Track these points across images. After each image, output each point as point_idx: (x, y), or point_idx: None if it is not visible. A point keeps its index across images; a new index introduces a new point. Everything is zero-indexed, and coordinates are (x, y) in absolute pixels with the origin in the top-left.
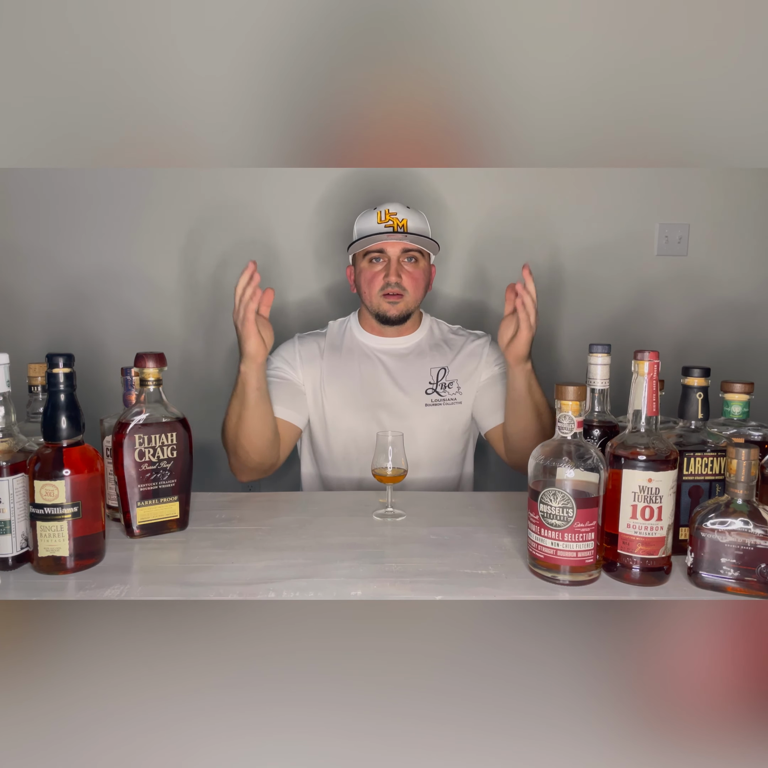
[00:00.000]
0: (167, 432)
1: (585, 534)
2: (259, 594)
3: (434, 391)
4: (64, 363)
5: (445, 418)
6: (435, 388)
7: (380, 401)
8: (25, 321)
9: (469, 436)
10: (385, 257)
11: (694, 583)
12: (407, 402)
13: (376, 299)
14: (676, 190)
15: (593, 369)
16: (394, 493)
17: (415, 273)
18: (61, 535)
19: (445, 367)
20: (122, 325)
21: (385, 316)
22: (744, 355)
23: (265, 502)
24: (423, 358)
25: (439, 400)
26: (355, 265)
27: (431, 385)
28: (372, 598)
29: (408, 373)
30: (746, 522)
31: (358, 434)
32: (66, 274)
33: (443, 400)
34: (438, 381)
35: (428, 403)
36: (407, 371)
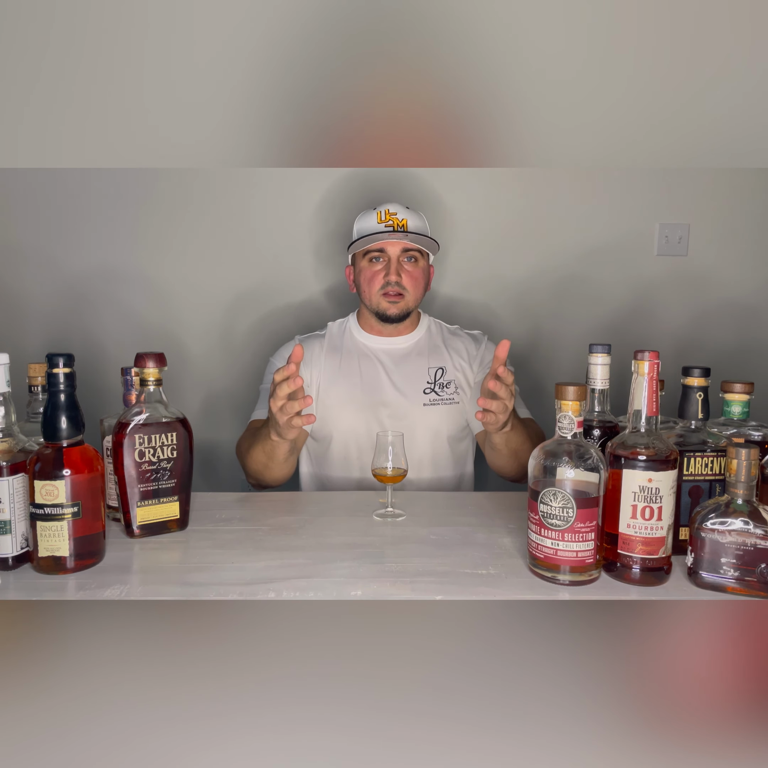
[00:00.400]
0: (167, 432)
1: (585, 534)
2: (259, 594)
3: (432, 391)
4: (64, 363)
5: (443, 417)
6: (433, 387)
7: (380, 401)
8: (25, 321)
9: (469, 436)
10: (385, 257)
11: (694, 583)
12: (406, 402)
13: (376, 298)
14: (676, 190)
15: (593, 369)
16: (394, 493)
17: (414, 272)
18: (61, 535)
19: (442, 367)
20: (122, 325)
21: (384, 314)
22: (744, 355)
23: (265, 502)
24: (421, 358)
25: (437, 400)
26: (354, 265)
27: (429, 385)
28: (372, 598)
29: (406, 373)
30: (746, 522)
31: (358, 434)
32: (66, 274)
33: (441, 399)
34: (436, 381)
35: (426, 403)
36: (405, 371)
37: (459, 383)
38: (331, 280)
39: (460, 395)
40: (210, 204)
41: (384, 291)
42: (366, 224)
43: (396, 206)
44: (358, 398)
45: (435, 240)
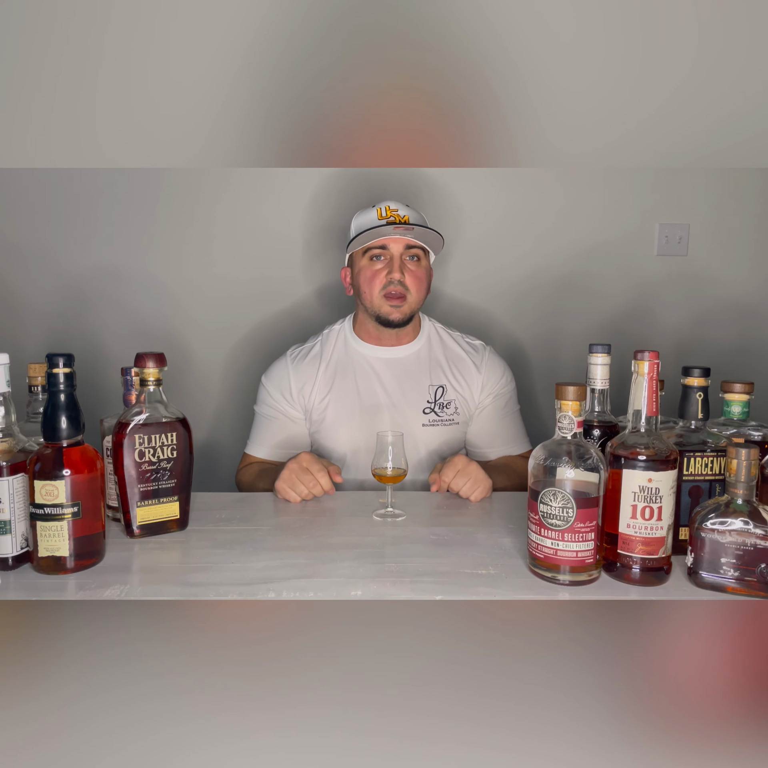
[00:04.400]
0: (167, 432)
1: (585, 534)
2: (259, 594)
3: (432, 411)
4: (64, 363)
5: (442, 437)
6: (433, 407)
7: (378, 421)
8: (25, 321)
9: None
10: (387, 254)
11: (694, 583)
12: (404, 422)
13: (378, 300)
14: (676, 190)
15: (593, 369)
16: (394, 493)
17: (418, 272)
18: (61, 535)
19: (443, 386)
20: (122, 325)
21: (386, 319)
22: (744, 355)
23: (265, 502)
24: (422, 373)
25: (436, 421)
26: (352, 266)
27: (429, 404)
28: (372, 598)
29: (405, 391)
30: (746, 522)
31: (356, 447)
32: (66, 274)
33: (441, 420)
34: (436, 401)
35: (426, 423)
36: (404, 388)
37: (459, 403)
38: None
39: (461, 415)
40: (210, 204)
41: (386, 291)
42: (365, 220)
43: (396, 203)
44: (356, 417)
45: (440, 233)
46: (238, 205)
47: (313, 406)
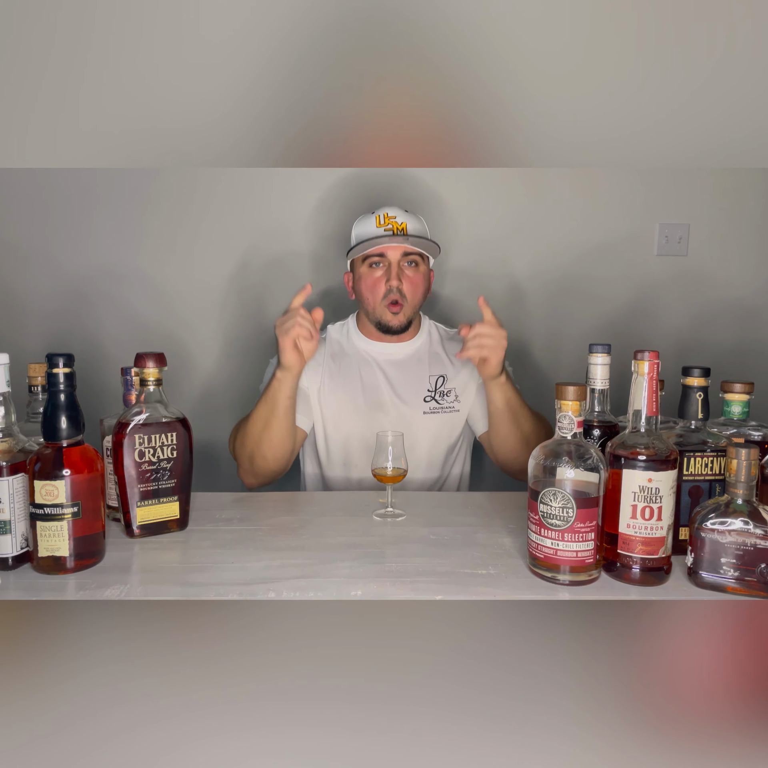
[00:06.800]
0: (167, 432)
1: (585, 534)
2: (259, 594)
3: (432, 399)
4: (64, 363)
5: (443, 425)
6: (433, 396)
7: (380, 408)
8: (25, 321)
9: (466, 439)
10: (386, 261)
11: (694, 583)
12: (406, 410)
13: (380, 309)
14: (676, 190)
15: (593, 369)
16: (394, 493)
17: (415, 278)
18: (61, 535)
19: (443, 375)
20: (122, 325)
21: (387, 326)
22: (744, 355)
23: (265, 502)
24: (422, 365)
25: (437, 408)
26: (353, 271)
27: (429, 393)
28: (372, 598)
29: (407, 381)
30: (746, 522)
31: (358, 439)
32: (66, 274)
33: (441, 408)
34: (436, 389)
35: (426, 411)
36: (406, 379)
37: (459, 392)
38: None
39: (460, 403)
40: (211, 204)
41: (388, 300)
42: (365, 229)
43: (395, 209)
44: (359, 404)
45: (435, 243)
46: (241, 206)
47: (319, 388)
